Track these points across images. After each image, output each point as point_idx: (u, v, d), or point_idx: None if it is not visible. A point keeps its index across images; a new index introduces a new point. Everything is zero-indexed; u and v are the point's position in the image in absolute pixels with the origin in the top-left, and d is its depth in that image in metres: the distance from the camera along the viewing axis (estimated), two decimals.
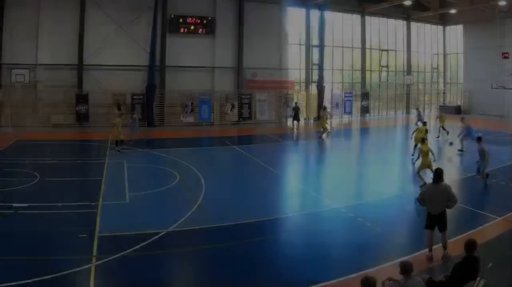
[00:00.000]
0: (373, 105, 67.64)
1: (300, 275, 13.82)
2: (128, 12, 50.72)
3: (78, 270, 13.51)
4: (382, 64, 68.04)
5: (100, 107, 49.71)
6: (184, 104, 52.31)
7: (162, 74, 52.22)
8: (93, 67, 49.68)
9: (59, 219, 18.48)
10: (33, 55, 47.83)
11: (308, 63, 61.92)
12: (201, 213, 19.62)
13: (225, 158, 34.91)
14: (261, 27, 57.19)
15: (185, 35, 53.33)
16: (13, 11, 47.13)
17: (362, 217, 19.09)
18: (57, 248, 15.45)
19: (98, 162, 30.53)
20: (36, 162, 29.61)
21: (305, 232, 18.21)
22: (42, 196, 22.00)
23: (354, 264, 14.29)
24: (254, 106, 55.95)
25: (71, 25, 48.91)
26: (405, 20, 70.03)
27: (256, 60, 56.86)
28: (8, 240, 15.92)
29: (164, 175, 27.16)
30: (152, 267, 14.14)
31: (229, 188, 25.88)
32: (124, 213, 19.73)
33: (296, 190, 25.48)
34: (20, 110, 47.48)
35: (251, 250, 15.81)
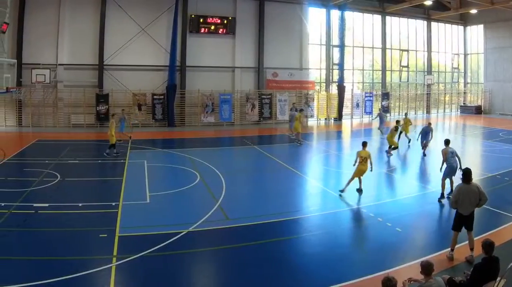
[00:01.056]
0: (394, 105, 66.11)
1: (320, 275, 13.59)
2: (149, 12, 50.12)
3: (98, 270, 13.37)
4: (403, 64, 66.26)
5: (120, 107, 47.36)
6: (204, 104, 51.58)
7: (182, 74, 51.31)
8: (114, 67, 49.02)
9: (80, 219, 18.26)
10: (54, 55, 47.21)
11: (328, 63, 60.40)
12: (222, 213, 19.33)
13: (246, 157, 34.09)
14: (282, 27, 56.32)
15: (205, 35, 52.37)
16: (34, 11, 46.45)
17: (382, 217, 18.82)
18: (77, 248, 15.25)
19: (118, 162, 30.04)
20: (56, 161, 29.13)
21: (326, 232, 17.67)
22: (62, 196, 21.68)
23: (375, 264, 14.13)
24: (274, 106, 55.02)
25: (91, 25, 48.31)
26: (426, 20, 68.52)
27: (276, 60, 56.13)
28: (29, 240, 15.87)
29: (185, 175, 26.49)
30: (172, 267, 14.02)
31: (250, 187, 25.26)
32: (144, 213, 19.40)
33: (317, 189, 24.70)
34: (41, 110, 47.08)
35: (271, 250, 15.50)
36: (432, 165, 30.07)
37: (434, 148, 34.04)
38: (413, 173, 29.11)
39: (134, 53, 49.45)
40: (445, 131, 52.95)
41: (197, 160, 30.74)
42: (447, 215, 19.42)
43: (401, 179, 27.13)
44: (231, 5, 53.69)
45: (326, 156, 35.29)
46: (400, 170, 29.48)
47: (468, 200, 14.58)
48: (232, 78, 54.41)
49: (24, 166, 28.24)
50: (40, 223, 17.68)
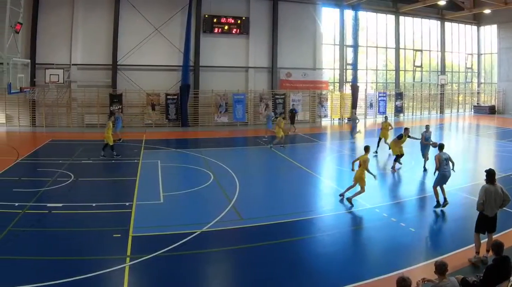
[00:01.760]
0: (407, 105, 65.44)
1: (334, 275, 13.57)
2: (162, 12, 49.50)
3: (112, 270, 13.29)
4: (416, 64, 65.17)
5: (134, 108, 48.57)
6: (218, 104, 51.03)
7: (196, 74, 50.69)
8: (127, 67, 48.45)
9: (93, 219, 18.19)
10: (67, 55, 46.74)
11: (342, 63, 59.52)
12: (235, 213, 19.20)
13: (259, 157, 33.66)
14: (295, 27, 55.47)
15: (219, 35, 51.73)
16: (47, 11, 46.02)
17: (396, 217, 18.75)
18: (91, 248, 15.19)
19: (132, 162, 29.72)
20: (70, 161, 28.94)
21: (339, 232, 17.49)
22: (76, 196, 21.64)
23: (388, 264, 14.07)
24: (288, 106, 53.70)
25: (105, 25, 47.81)
26: (439, 20, 67.31)
27: (290, 60, 55.37)
28: (43, 240, 15.77)
29: (198, 175, 26.18)
30: (186, 268, 13.89)
31: (263, 187, 25.09)
32: (158, 213, 19.26)
33: (330, 189, 24.23)
34: (54, 110, 46.63)
35: (285, 250, 15.33)
36: None
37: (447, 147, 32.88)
38: (426, 172, 28.03)
39: (147, 53, 49.01)
40: (459, 132, 52.56)
41: (211, 159, 30.46)
42: (460, 215, 19.41)
43: (415, 179, 26.52)
44: (245, 5, 53.02)
45: (340, 155, 34.69)
46: (414, 170, 28.60)
47: (494, 201, 14.21)
48: (246, 78, 53.70)
49: (37, 166, 28.05)
50: (53, 223, 17.59)
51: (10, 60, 34.60)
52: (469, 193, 22.29)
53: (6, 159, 29.06)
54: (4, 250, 14.60)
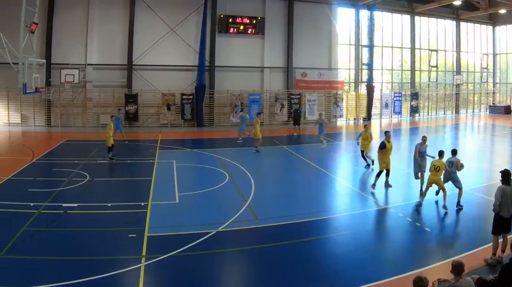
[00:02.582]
0: (423, 105, 64.47)
1: (349, 275, 13.35)
2: (178, 12, 48.78)
3: (127, 270, 13.22)
4: (432, 64, 64.00)
5: (149, 108, 48.01)
6: (233, 104, 50.34)
7: (211, 74, 50.00)
8: (143, 67, 47.88)
9: (109, 219, 18.10)
10: (83, 55, 46.19)
11: (357, 63, 58.63)
12: (251, 213, 19.01)
13: (275, 157, 33.10)
14: (311, 27, 54.47)
15: (234, 35, 51.03)
16: (63, 11, 45.56)
17: (411, 217, 18.62)
18: (106, 248, 15.09)
19: (147, 162, 29.45)
20: (85, 162, 28.79)
21: (354, 232, 17.22)
22: (91, 196, 21.56)
23: (404, 264, 14.03)
24: (303, 106, 53.06)
25: (120, 25, 47.22)
26: (455, 20, 66.00)
27: (305, 60, 54.34)
28: (58, 240, 15.60)
29: (214, 175, 25.96)
30: (201, 267, 13.74)
31: (279, 187, 24.59)
32: (173, 213, 19.10)
33: (345, 189, 24.16)
34: (70, 110, 46.18)
35: (300, 250, 15.17)
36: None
37: (463, 148, 33.81)
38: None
39: (163, 53, 48.37)
40: (474, 132, 51.98)
41: (226, 159, 30.15)
42: (476, 215, 19.12)
43: None
44: (260, 5, 52.09)
45: (355, 156, 33.31)
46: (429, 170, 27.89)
47: (510, 202, 13.96)
48: (261, 78, 52.83)
49: (53, 166, 27.70)
50: (69, 223, 17.45)
51: (26, 60, 34.18)
52: (484, 193, 21.93)
53: (22, 159, 28.84)
54: (19, 250, 14.47)
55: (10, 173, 24.88)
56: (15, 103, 45.13)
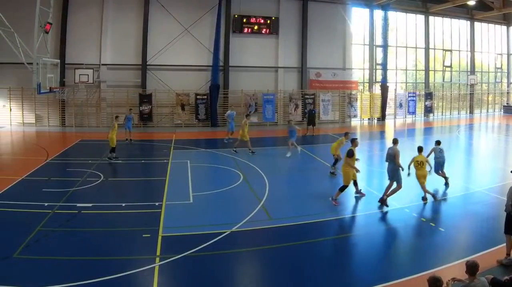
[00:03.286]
0: (437, 105, 63.58)
1: (363, 275, 13.18)
2: (192, 12, 48.29)
3: (141, 270, 13.11)
4: (446, 64, 63.10)
5: (163, 108, 47.57)
6: (248, 104, 49.71)
7: (225, 74, 49.51)
8: (157, 67, 47.44)
9: (123, 219, 17.95)
10: (97, 55, 45.85)
11: (371, 63, 57.87)
12: (265, 213, 18.77)
13: (289, 158, 32.11)
14: (325, 27, 53.76)
15: (248, 35, 50.47)
16: (77, 11, 45.26)
17: (425, 217, 18.43)
18: (120, 248, 14.93)
19: (162, 162, 29.09)
20: (99, 162, 28.58)
21: (369, 232, 17.02)
22: (105, 196, 21.38)
23: (418, 264, 13.75)
24: (318, 106, 52.34)
25: (134, 25, 46.84)
26: (469, 20, 64.97)
27: (319, 60, 53.70)
28: (72, 240, 15.53)
29: (228, 175, 25.68)
30: (215, 268, 13.59)
31: (293, 187, 24.05)
32: (188, 213, 18.87)
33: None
34: (84, 110, 45.93)
35: (314, 250, 15.03)
36: (477, 165, 30.54)
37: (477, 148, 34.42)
38: (456, 172, 27.23)
39: (177, 53, 47.95)
40: (488, 132, 51.25)
41: (240, 160, 29.91)
42: (490, 215, 18.65)
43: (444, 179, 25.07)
44: (275, 5, 51.47)
45: (369, 156, 33.84)
46: (446, 170, 27.01)
47: None
48: (275, 78, 52.17)
49: (67, 166, 27.45)
50: (83, 223, 17.24)
51: (40, 60, 34.05)
52: (498, 193, 21.57)
53: (36, 159, 28.65)
54: (33, 250, 14.32)
55: (25, 173, 24.69)
56: (29, 103, 44.99)
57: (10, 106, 44.97)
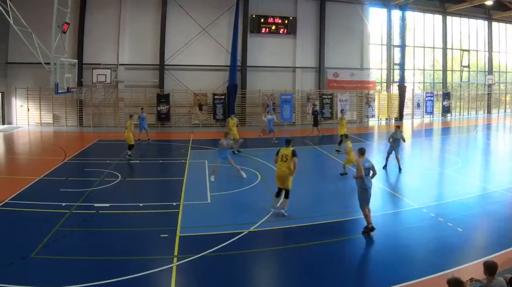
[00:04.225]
0: (454, 105, 62.51)
1: (381, 276, 12.88)
2: (210, 12, 47.62)
3: (159, 270, 12.86)
4: (463, 64, 61.16)
5: (181, 108, 46.90)
6: (265, 104, 48.64)
7: (243, 74, 48.71)
8: (174, 67, 46.82)
9: (141, 219, 17.71)
10: (115, 55, 45.35)
11: (389, 63, 56.74)
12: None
13: (306, 157, 31.80)
14: (342, 27, 52.79)
15: (266, 35, 49.67)
16: (95, 11, 44.92)
17: (443, 217, 17.82)
18: (138, 248, 14.74)
19: (179, 162, 28.77)
20: (117, 162, 28.20)
21: (386, 232, 16.58)
22: (123, 196, 21.13)
23: (435, 264, 13.38)
24: (335, 106, 51.84)
25: (152, 25, 46.30)
26: (487, 20, 63.50)
27: (337, 60, 52.72)
28: (90, 240, 15.44)
29: (246, 175, 24.83)
30: (233, 267, 13.40)
31: (310, 187, 23.58)
32: (205, 213, 18.59)
33: (377, 189, 22.57)
34: (101, 110, 45.53)
35: (332, 250, 14.76)
36: (495, 165, 29.96)
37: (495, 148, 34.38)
38: (474, 172, 27.13)
39: (194, 53, 47.29)
40: (506, 132, 50.32)
41: (258, 159, 29.39)
42: (508, 214, 18.43)
43: (462, 179, 25.10)
44: (292, 5, 50.71)
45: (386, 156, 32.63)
46: (461, 170, 27.34)
47: None
48: (293, 78, 51.38)
49: (84, 166, 27.10)
50: (101, 223, 17.07)
51: (57, 60, 34.00)
52: None
53: (54, 159, 28.37)
54: (51, 250, 14.07)
55: (42, 173, 24.44)
56: (47, 103, 44.70)
57: (28, 106, 44.85)
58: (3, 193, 20.30)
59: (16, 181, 22.67)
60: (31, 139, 38.44)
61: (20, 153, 32.38)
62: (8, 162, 29.53)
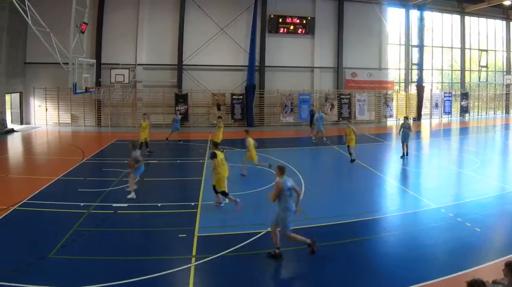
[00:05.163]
0: (472, 105, 61.04)
1: (399, 275, 12.72)
2: (228, 12, 46.89)
3: (177, 270, 12.79)
4: (482, 64, 60.06)
5: (199, 107, 46.11)
6: (283, 104, 47.82)
7: (261, 74, 47.76)
8: (193, 67, 46.08)
9: (159, 219, 17.47)
10: (133, 55, 44.80)
11: (407, 63, 55.54)
12: (301, 213, 16.91)
13: (325, 157, 31.92)
14: (361, 27, 51.79)
15: (284, 35, 48.74)
16: (113, 11, 44.38)
17: (461, 217, 17.60)
18: (156, 248, 14.66)
19: (197, 162, 28.45)
20: None
21: (404, 232, 16.52)
22: (141, 196, 20.48)
23: (454, 264, 13.23)
24: (353, 106, 51.03)
25: (170, 25, 45.65)
26: (505, 20, 62.06)
27: (355, 60, 51.75)
28: (108, 240, 15.23)
29: (264, 175, 24.73)
30: (251, 268, 13.26)
31: (329, 187, 23.47)
32: (223, 213, 18.49)
33: (395, 189, 23.27)
34: (120, 110, 44.92)
35: (350, 250, 14.64)
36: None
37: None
38: (492, 172, 26.72)
39: (213, 53, 46.56)
40: None
41: (276, 159, 28.46)
42: None
43: (480, 179, 24.68)
44: (310, 5, 49.77)
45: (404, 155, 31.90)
46: (479, 170, 26.84)
47: None
48: (311, 78, 50.39)
49: (102, 166, 26.75)
50: (119, 223, 16.95)
51: (76, 60, 33.56)
52: None
53: (72, 159, 28.16)
54: (69, 250, 14.04)
55: (60, 173, 24.27)
56: (65, 103, 44.19)
57: (46, 107, 44.27)
58: (22, 193, 20.09)
59: (35, 181, 22.34)
60: (49, 139, 37.85)
61: (38, 153, 31.84)
62: (26, 162, 29.18)
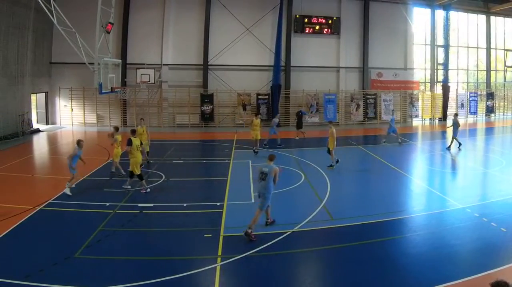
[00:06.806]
0: (498, 105, 58.50)
1: (425, 275, 12.32)
2: (253, 12, 45.39)
3: (203, 270, 12.63)
4: (507, 64, 58.23)
5: (225, 107, 44.72)
6: (309, 104, 46.15)
7: (287, 74, 46.06)
8: (218, 67, 44.73)
9: (185, 219, 17.26)
10: (158, 55, 43.70)
11: (433, 63, 53.29)
12: (326, 213, 18.02)
13: (350, 157, 30.46)
14: (386, 27, 49.82)
15: (310, 35, 47.03)
16: (138, 11, 43.38)
17: (487, 217, 17.12)
18: (182, 248, 14.41)
19: (223, 162, 27.87)
20: (161, 162, 27.67)
21: (430, 232, 16.02)
22: (167, 196, 20.49)
23: (479, 264, 12.91)
24: (379, 106, 49.31)
25: (196, 25, 44.40)
26: None
27: (381, 60, 49.85)
28: (134, 240, 15.19)
29: (289, 175, 24.16)
30: (277, 267, 12.94)
31: (354, 187, 23.18)
32: (249, 213, 17.14)
33: (421, 189, 22.50)
34: (145, 110, 43.67)
35: (376, 250, 14.20)
36: None
37: None
38: None
39: (238, 53, 45.17)
40: None
41: (302, 159, 28.53)
42: None
43: (506, 179, 23.88)
44: (336, 5, 47.93)
45: (431, 155, 31.87)
46: (505, 170, 26.03)
47: None
48: (337, 78, 48.52)
49: (128, 166, 25.22)
50: (144, 223, 16.88)
51: (101, 60, 32.77)
52: None
53: (97, 159, 27.80)
54: (95, 250, 13.86)
55: (86, 173, 24.00)
56: (90, 103, 43.27)
57: (72, 106, 43.29)
58: (48, 193, 19.90)
59: (60, 181, 21.70)
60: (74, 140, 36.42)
61: (64, 153, 30.76)
62: (52, 161, 28.91)
